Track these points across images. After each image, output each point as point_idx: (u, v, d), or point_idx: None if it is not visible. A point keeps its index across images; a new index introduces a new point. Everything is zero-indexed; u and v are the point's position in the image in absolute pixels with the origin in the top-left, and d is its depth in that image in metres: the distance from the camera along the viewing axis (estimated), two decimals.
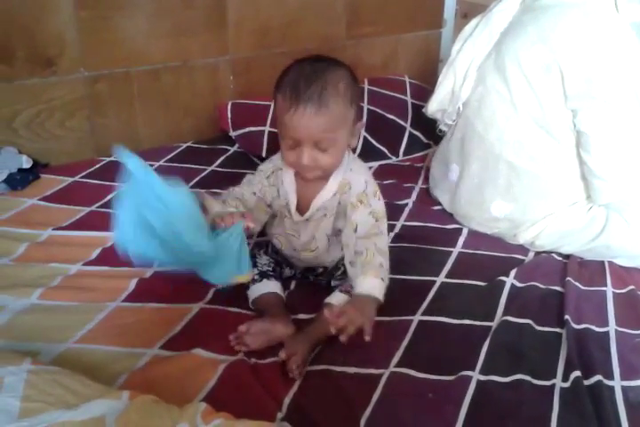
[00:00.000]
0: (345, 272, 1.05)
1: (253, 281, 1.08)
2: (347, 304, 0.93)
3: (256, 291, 1.07)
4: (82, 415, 0.71)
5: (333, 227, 1.04)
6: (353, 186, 1.00)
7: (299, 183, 1.02)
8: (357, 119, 0.98)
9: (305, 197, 1.03)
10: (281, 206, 1.05)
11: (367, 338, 0.87)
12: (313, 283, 1.15)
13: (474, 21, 1.43)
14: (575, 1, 1.21)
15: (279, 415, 0.85)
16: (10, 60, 1.48)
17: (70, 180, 1.51)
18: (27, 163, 1.48)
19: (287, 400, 0.88)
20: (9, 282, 1.09)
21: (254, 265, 1.10)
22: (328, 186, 1.01)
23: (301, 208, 1.04)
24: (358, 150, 1.68)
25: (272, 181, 1.04)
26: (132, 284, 1.11)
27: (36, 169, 1.51)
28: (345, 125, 0.94)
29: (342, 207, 1.01)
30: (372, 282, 0.94)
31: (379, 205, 1.01)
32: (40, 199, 1.41)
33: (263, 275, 1.09)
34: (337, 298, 1.03)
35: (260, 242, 1.20)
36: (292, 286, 1.15)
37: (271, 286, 1.08)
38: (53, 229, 1.27)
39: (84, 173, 1.55)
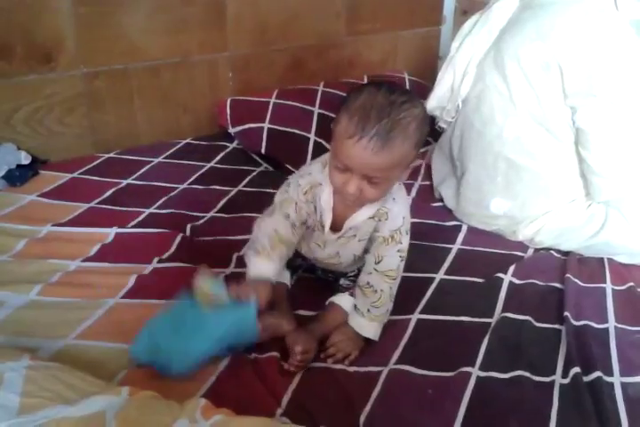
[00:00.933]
0: (357, 275, 1.05)
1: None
2: (338, 335, 0.98)
3: None
4: (81, 411, 0.71)
5: (363, 248, 1.02)
6: (390, 218, 0.95)
7: (336, 200, 0.96)
8: (415, 158, 0.91)
9: (340, 215, 0.97)
10: (315, 221, 0.99)
11: (346, 363, 0.95)
12: (316, 279, 1.15)
13: (473, 18, 1.42)
14: None
15: (278, 411, 0.85)
16: (8, 57, 1.47)
17: (69, 176, 1.51)
18: (25, 159, 1.48)
19: (286, 397, 0.88)
20: (8, 278, 1.08)
21: None
22: (365, 208, 0.96)
23: (335, 226, 0.99)
24: None
25: (309, 198, 0.96)
26: (132, 280, 1.10)
27: (35, 165, 1.51)
28: (403, 166, 0.88)
29: (374, 235, 0.98)
30: (373, 327, 0.99)
31: (406, 241, 0.98)
32: (39, 195, 1.41)
33: None
34: (343, 300, 1.03)
35: None
36: (294, 280, 1.14)
37: (282, 276, 1.06)
38: (52, 226, 1.27)
39: (82, 170, 1.54)
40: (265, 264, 0.92)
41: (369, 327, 0.99)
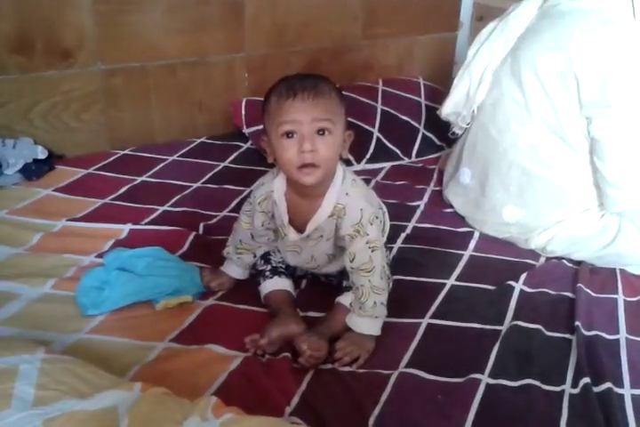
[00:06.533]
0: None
1: (265, 278, 1.09)
2: (344, 339, 0.98)
3: (268, 287, 1.09)
4: (94, 405, 0.71)
5: (334, 246, 1.05)
6: (348, 213, 0.98)
7: (290, 202, 1.02)
8: (346, 128, 0.98)
9: (300, 216, 1.02)
10: (278, 226, 1.06)
11: (353, 367, 0.95)
12: (324, 282, 1.16)
13: (491, 25, 1.42)
14: (592, 8, 1.21)
15: (287, 410, 0.85)
16: (28, 52, 1.49)
17: (85, 171, 1.52)
18: (42, 153, 1.49)
19: (296, 398, 0.88)
20: (23, 271, 1.10)
21: (268, 262, 1.12)
22: (322, 207, 0.99)
23: (298, 227, 1.03)
24: (371, 151, 1.68)
25: (265, 206, 1.04)
26: None
27: (51, 160, 1.52)
28: (340, 120, 0.95)
29: (341, 234, 1.01)
30: (368, 323, 1.00)
31: (374, 231, 0.99)
32: (55, 190, 1.42)
33: (275, 272, 1.10)
34: (348, 300, 1.03)
35: None
36: (304, 284, 1.16)
37: (282, 284, 1.09)
38: (67, 220, 1.28)
39: (98, 166, 1.55)
40: (230, 267, 1.14)
41: (362, 324, 0.99)
